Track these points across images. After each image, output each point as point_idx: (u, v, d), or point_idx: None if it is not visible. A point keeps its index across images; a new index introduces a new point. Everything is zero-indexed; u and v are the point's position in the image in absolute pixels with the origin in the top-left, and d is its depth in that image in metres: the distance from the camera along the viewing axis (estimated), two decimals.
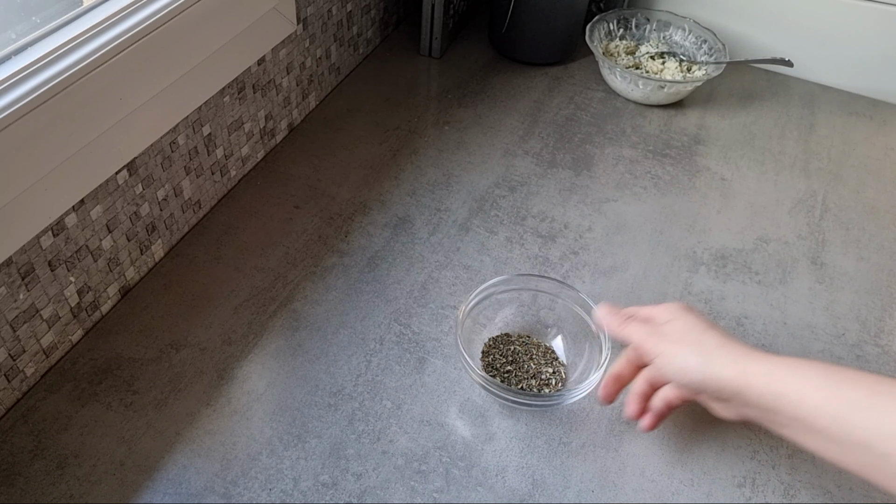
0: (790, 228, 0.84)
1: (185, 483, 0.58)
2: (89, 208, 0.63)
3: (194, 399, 0.63)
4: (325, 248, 0.78)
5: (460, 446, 0.61)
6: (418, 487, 0.58)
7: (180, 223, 0.76)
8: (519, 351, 0.68)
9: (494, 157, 0.91)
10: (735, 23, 1.09)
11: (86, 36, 0.58)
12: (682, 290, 0.75)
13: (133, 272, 0.71)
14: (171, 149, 0.71)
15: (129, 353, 0.66)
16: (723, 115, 1.01)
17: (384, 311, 0.72)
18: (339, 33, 0.97)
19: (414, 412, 0.63)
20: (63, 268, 0.62)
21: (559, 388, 0.65)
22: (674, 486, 0.60)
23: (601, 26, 1.06)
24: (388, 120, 0.96)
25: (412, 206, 0.83)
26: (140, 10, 0.63)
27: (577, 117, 0.99)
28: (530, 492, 0.59)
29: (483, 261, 0.77)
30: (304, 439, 0.61)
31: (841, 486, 0.60)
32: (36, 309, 0.61)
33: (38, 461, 0.58)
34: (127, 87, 0.62)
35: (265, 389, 0.64)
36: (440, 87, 1.03)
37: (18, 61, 0.55)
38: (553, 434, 0.63)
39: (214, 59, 0.72)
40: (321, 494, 0.57)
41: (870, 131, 1.00)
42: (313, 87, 0.95)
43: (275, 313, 0.71)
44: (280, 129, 0.90)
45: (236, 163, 0.83)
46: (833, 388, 0.47)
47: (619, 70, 0.98)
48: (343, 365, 0.67)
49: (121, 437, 0.60)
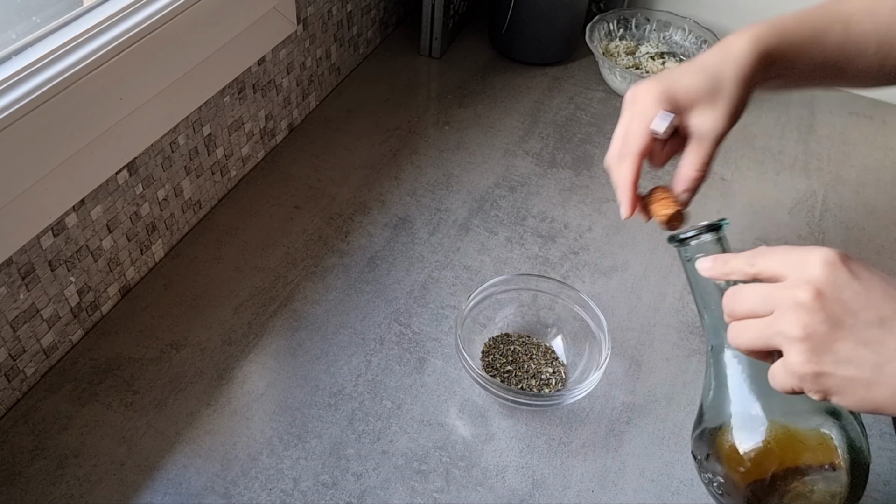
0: (790, 228, 0.84)
1: (186, 483, 0.58)
2: (89, 208, 0.63)
3: (194, 399, 0.63)
4: (325, 248, 0.78)
5: (460, 446, 0.61)
6: (418, 487, 0.58)
7: (180, 223, 0.77)
8: (519, 351, 0.68)
9: (494, 157, 0.91)
10: (735, 23, 1.08)
11: (86, 36, 0.58)
12: (683, 291, 0.75)
13: (133, 272, 0.71)
14: (171, 149, 0.71)
15: (129, 353, 0.66)
16: None
17: (384, 311, 0.72)
18: (340, 33, 0.97)
19: (414, 412, 0.63)
20: (63, 268, 0.62)
21: (559, 388, 0.65)
22: (674, 486, 0.60)
23: (601, 26, 1.06)
24: (388, 120, 0.96)
25: (412, 206, 0.83)
26: (140, 10, 0.63)
27: (577, 117, 0.99)
28: (530, 492, 0.59)
29: (483, 261, 0.77)
30: (304, 439, 0.61)
31: None
32: (36, 309, 0.61)
33: (38, 461, 0.58)
34: (127, 87, 0.62)
35: (265, 389, 0.64)
36: (440, 87, 1.03)
37: (18, 61, 0.55)
38: (553, 434, 0.63)
39: (214, 59, 0.72)
40: (321, 494, 0.57)
41: (870, 131, 1.00)
42: (313, 87, 0.95)
43: (275, 313, 0.71)
44: (280, 130, 0.90)
45: (236, 163, 0.83)
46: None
47: (619, 70, 0.98)
48: (343, 365, 0.67)
49: (121, 437, 0.60)
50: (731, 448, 0.48)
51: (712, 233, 0.49)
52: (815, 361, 0.37)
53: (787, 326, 0.38)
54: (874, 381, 0.36)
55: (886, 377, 0.36)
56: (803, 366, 0.37)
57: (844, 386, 0.37)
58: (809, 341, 0.37)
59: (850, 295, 0.37)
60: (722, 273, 0.44)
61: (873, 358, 0.36)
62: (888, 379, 0.36)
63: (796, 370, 0.38)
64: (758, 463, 0.46)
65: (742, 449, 0.47)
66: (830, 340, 0.37)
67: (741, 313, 0.41)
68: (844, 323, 0.37)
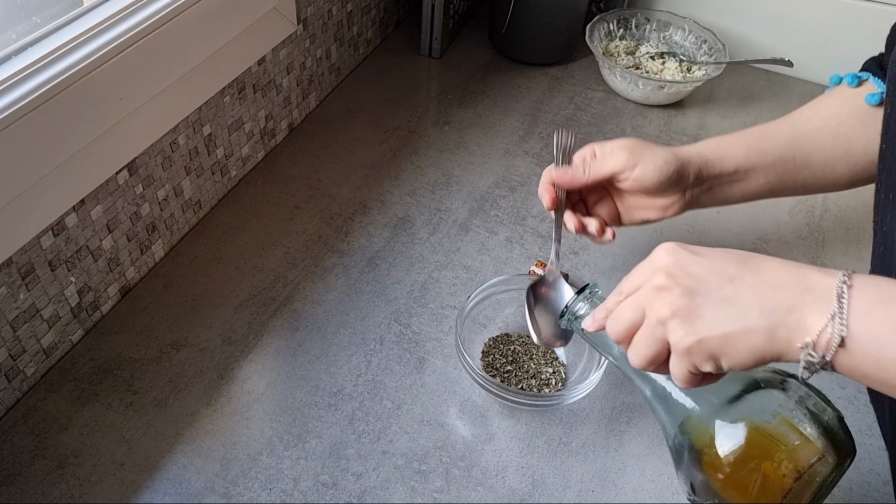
0: (790, 228, 0.84)
1: (186, 483, 0.58)
2: (90, 208, 0.63)
3: (194, 399, 0.63)
4: (325, 248, 0.78)
5: (460, 446, 0.61)
6: (418, 487, 0.58)
7: (180, 223, 0.77)
8: (519, 351, 0.68)
9: (494, 157, 0.91)
10: (735, 23, 1.09)
11: (86, 36, 0.58)
12: None
13: (133, 272, 0.71)
14: (171, 149, 0.71)
15: (129, 353, 0.66)
16: (723, 115, 1.01)
17: (384, 311, 0.72)
18: (340, 33, 0.97)
19: (414, 412, 0.63)
20: (63, 268, 0.62)
21: (559, 388, 0.65)
22: (674, 485, 0.60)
23: (601, 26, 1.06)
24: (388, 120, 0.96)
25: (412, 206, 0.83)
26: (140, 10, 0.63)
27: (577, 117, 0.99)
28: (530, 492, 0.59)
29: (483, 261, 0.77)
30: (304, 439, 0.61)
31: (841, 486, 0.60)
32: (36, 309, 0.61)
33: (38, 461, 0.58)
34: (127, 87, 0.62)
35: (265, 389, 0.64)
36: (440, 87, 1.03)
37: (18, 61, 0.55)
38: (553, 434, 0.63)
39: (214, 60, 0.72)
40: (321, 494, 0.57)
41: None
42: (313, 87, 0.95)
43: (275, 313, 0.71)
44: (280, 130, 0.90)
45: (236, 163, 0.83)
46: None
47: (619, 70, 0.98)
48: (343, 365, 0.67)
49: (121, 437, 0.60)
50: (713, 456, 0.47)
51: (583, 295, 0.53)
52: (690, 331, 0.41)
53: (658, 311, 0.42)
54: (746, 329, 0.40)
55: (754, 322, 0.40)
56: (684, 339, 0.41)
57: (724, 344, 0.40)
58: (678, 315, 0.41)
59: (697, 268, 0.42)
60: (603, 318, 0.47)
61: (736, 311, 0.40)
62: (756, 322, 0.39)
63: (681, 347, 0.41)
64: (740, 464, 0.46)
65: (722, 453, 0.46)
66: (694, 308, 0.41)
67: (623, 328, 0.45)
68: (699, 290, 0.41)
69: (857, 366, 0.38)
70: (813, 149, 0.61)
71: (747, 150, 0.61)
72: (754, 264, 0.42)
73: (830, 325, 0.38)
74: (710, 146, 0.62)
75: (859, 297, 0.38)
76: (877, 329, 0.37)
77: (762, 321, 0.39)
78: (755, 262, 0.42)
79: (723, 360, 0.41)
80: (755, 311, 0.40)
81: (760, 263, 0.42)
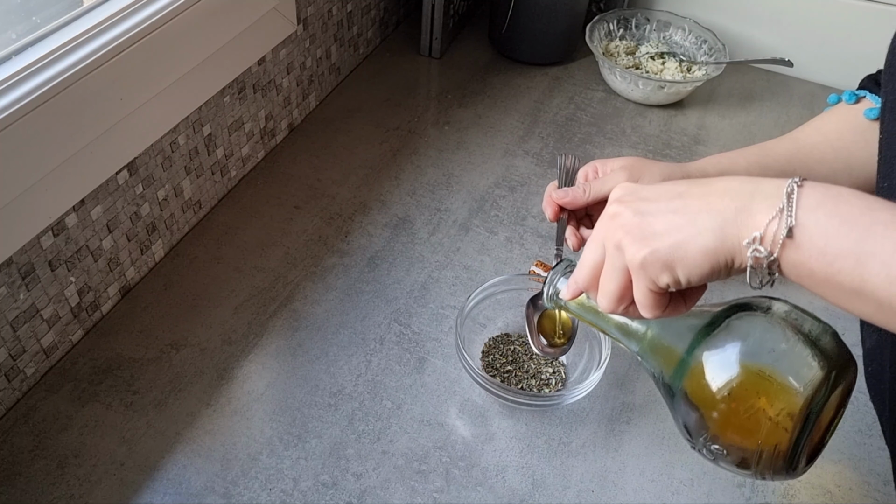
0: None
1: (186, 483, 0.58)
2: (89, 208, 0.63)
3: (194, 399, 0.63)
4: (325, 248, 0.78)
5: (460, 446, 0.61)
6: (418, 487, 0.58)
7: (180, 223, 0.77)
8: (519, 351, 0.68)
9: (494, 157, 0.91)
10: (735, 23, 1.09)
11: (86, 36, 0.58)
12: None
13: (133, 272, 0.71)
14: (171, 149, 0.71)
15: (129, 353, 0.66)
16: (723, 115, 1.01)
17: (384, 311, 0.72)
18: (340, 33, 0.97)
19: (414, 412, 0.63)
20: (63, 268, 0.62)
21: (559, 388, 0.65)
22: (674, 486, 0.60)
23: (601, 26, 1.06)
24: (388, 120, 0.96)
25: (412, 206, 0.83)
26: (140, 10, 0.63)
27: (577, 117, 0.99)
28: (530, 492, 0.59)
29: (483, 261, 0.77)
30: (304, 439, 0.61)
31: (841, 485, 0.60)
32: (36, 309, 0.61)
33: (38, 461, 0.58)
34: (127, 87, 0.62)
35: (265, 389, 0.64)
36: (440, 87, 1.03)
37: (18, 61, 0.55)
38: (553, 434, 0.63)
39: (214, 59, 0.72)
40: (321, 494, 0.57)
41: None
42: (313, 87, 0.95)
43: (275, 313, 0.71)
44: (280, 130, 0.90)
45: (236, 163, 0.83)
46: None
47: (619, 70, 0.98)
48: (343, 365, 0.67)
49: (121, 437, 0.60)
50: (704, 388, 0.46)
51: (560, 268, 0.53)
52: (643, 245, 0.41)
53: (613, 237, 0.42)
54: (696, 233, 0.40)
55: (703, 224, 0.40)
56: (637, 253, 0.41)
57: (676, 250, 0.40)
58: (631, 234, 0.41)
59: (647, 192, 0.43)
60: (575, 283, 0.48)
61: (685, 218, 0.40)
62: (705, 224, 0.40)
63: (635, 263, 0.41)
64: (736, 396, 0.45)
65: (715, 387, 0.46)
66: (645, 224, 0.41)
67: (588, 270, 0.45)
68: (649, 209, 0.42)
69: (804, 261, 0.37)
70: (814, 162, 0.61)
71: (748, 165, 0.61)
72: (705, 180, 0.42)
73: (778, 217, 0.38)
74: (711, 161, 0.62)
75: (810, 193, 0.38)
76: (827, 221, 0.37)
77: (711, 222, 0.40)
78: (706, 179, 0.43)
79: (678, 269, 0.40)
80: (704, 215, 0.40)
81: (712, 179, 0.42)
